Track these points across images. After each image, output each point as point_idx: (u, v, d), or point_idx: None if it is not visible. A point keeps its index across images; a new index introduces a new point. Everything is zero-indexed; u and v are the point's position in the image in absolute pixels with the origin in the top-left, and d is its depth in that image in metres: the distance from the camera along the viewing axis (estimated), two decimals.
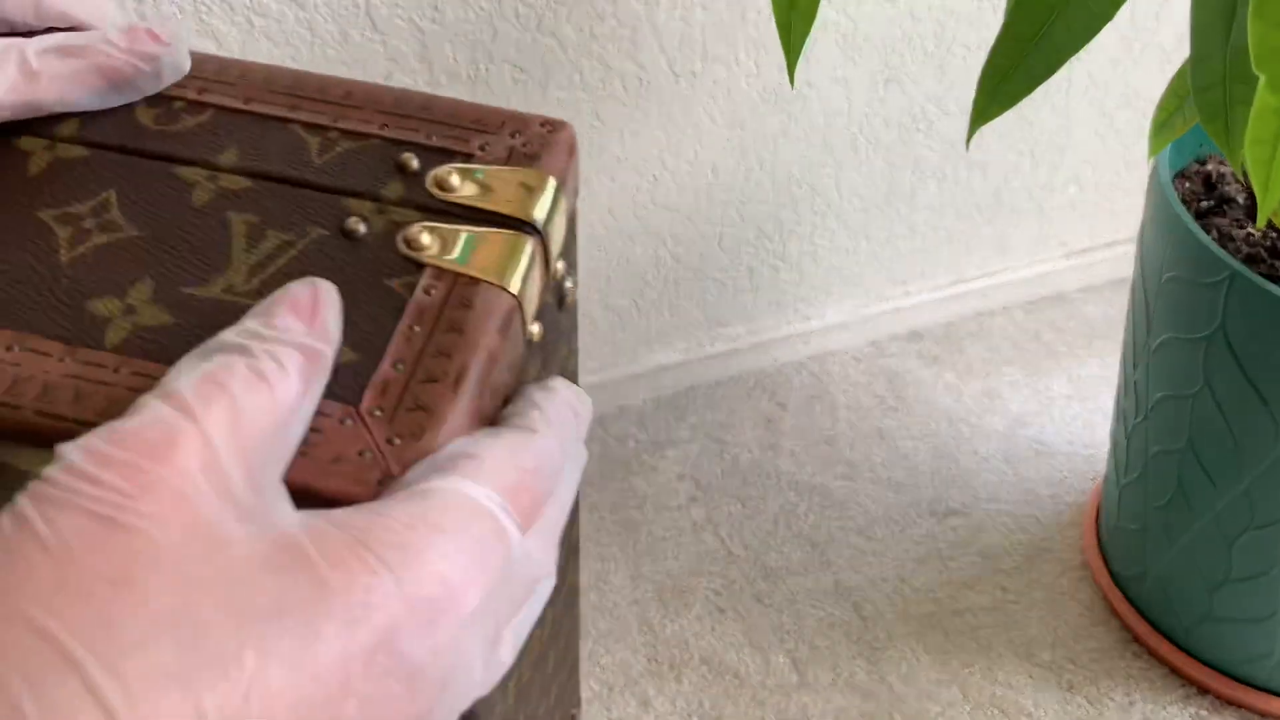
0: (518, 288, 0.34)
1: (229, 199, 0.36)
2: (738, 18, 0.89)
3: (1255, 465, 0.76)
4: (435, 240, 0.35)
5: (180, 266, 0.34)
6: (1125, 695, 0.90)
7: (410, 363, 0.32)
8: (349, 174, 0.36)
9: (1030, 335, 1.19)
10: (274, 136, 0.37)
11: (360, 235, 0.35)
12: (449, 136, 0.37)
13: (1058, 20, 0.64)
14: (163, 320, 0.33)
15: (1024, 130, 1.09)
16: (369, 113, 0.38)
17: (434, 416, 0.31)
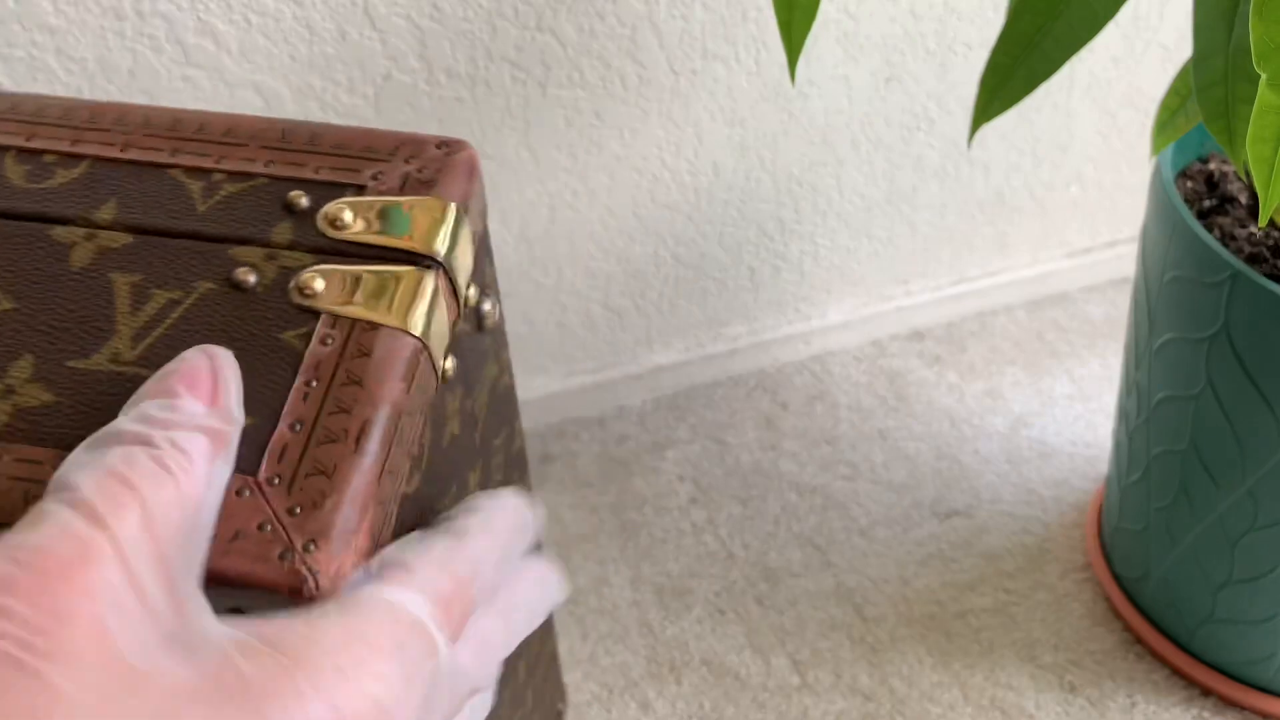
0: (421, 328, 0.32)
1: (110, 258, 0.33)
2: (738, 16, 0.89)
3: (1258, 466, 0.76)
4: (329, 284, 0.32)
5: (61, 338, 0.31)
6: (1127, 697, 0.90)
7: (308, 422, 0.30)
8: (234, 219, 0.34)
9: (1032, 335, 1.18)
10: (154, 185, 0.34)
11: (250, 286, 0.32)
12: (338, 169, 0.35)
13: (1059, 19, 0.64)
14: (45, 399, 0.30)
15: (1026, 129, 1.08)
16: (253, 149, 0.35)
17: (335, 480, 0.29)
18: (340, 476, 0.29)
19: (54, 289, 0.32)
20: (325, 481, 0.29)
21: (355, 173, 0.34)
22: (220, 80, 0.78)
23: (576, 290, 1.01)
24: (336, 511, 0.28)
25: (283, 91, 0.80)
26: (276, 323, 0.32)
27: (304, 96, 0.80)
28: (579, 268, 0.99)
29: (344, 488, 0.29)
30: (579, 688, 0.89)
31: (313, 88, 0.80)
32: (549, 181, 0.92)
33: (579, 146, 0.91)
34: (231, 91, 0.78)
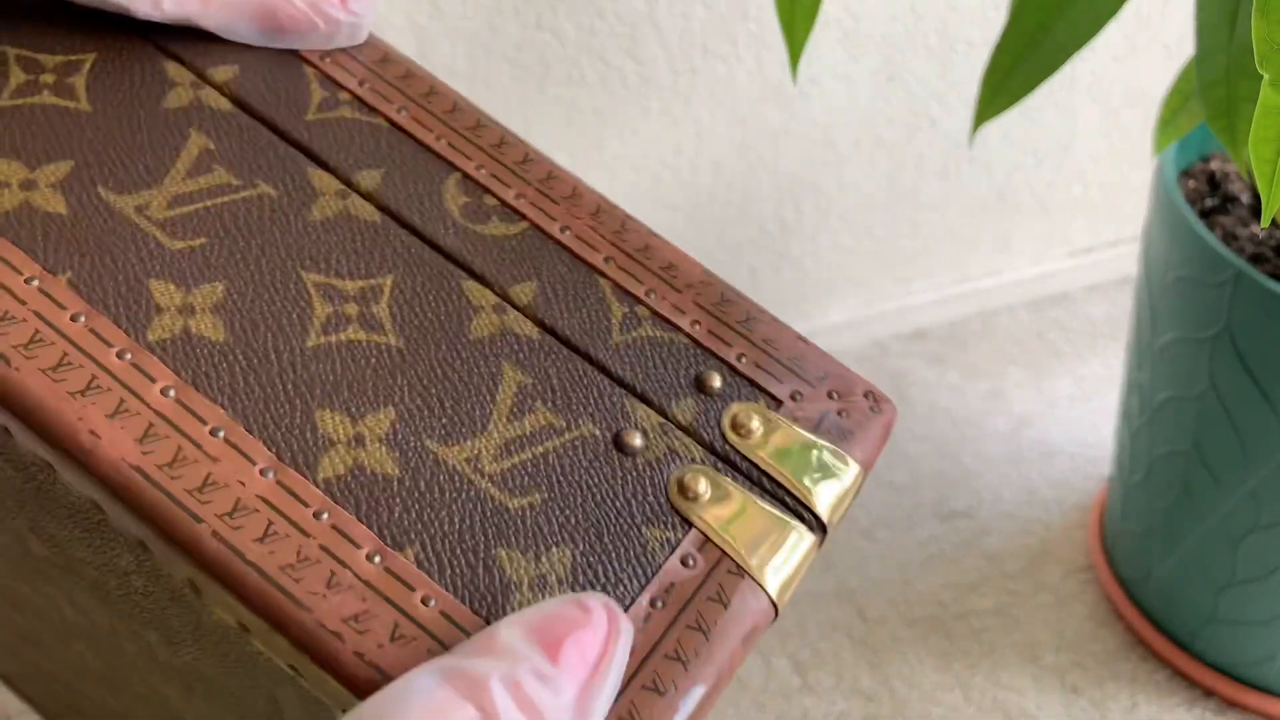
0: (780, 595, 0.29)
1: (510, 343, 0.30)
2: (739, 14, 0.89)
3: (1261, 466, 0.76)
4: (712, 494, 0.28)
5: (430, 408, 0.28)
6: (1130, 698, 0.89)
7: (639, 654, 0.26)
8: (645, 369, 0.30)
9: (1034, 335, 1.18)
10: (581, 286, 0.31)
11: (634, 450, 0.29)
12: (760, 368, 0.31)
13: (1061, 17, 0.63)
14: (387, 469, 0.27)
15: (1027, 128, 1.08)
16: (686, 299, 0.32)
17: None
18: None
19: (444, 347, 0.29)
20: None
21: (777, 381, 0.31)
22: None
23: None
24: None
25: None
26: (645, 511, 0.28)
27: None
28: None
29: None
30: None
31: None
32: None
33: (579, 145, 0.91)
34: None
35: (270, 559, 0.25)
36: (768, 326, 0.32)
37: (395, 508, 0.27)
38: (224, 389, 0.27)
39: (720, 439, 0.30)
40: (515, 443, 0.28)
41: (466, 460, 0.28)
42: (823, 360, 0.32)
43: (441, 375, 0.29)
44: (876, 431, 0.31)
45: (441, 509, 0.27)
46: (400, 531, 0.27)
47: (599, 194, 0.33)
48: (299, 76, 0.34)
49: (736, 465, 0.29)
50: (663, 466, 0.29)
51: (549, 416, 0.29)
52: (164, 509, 0.26)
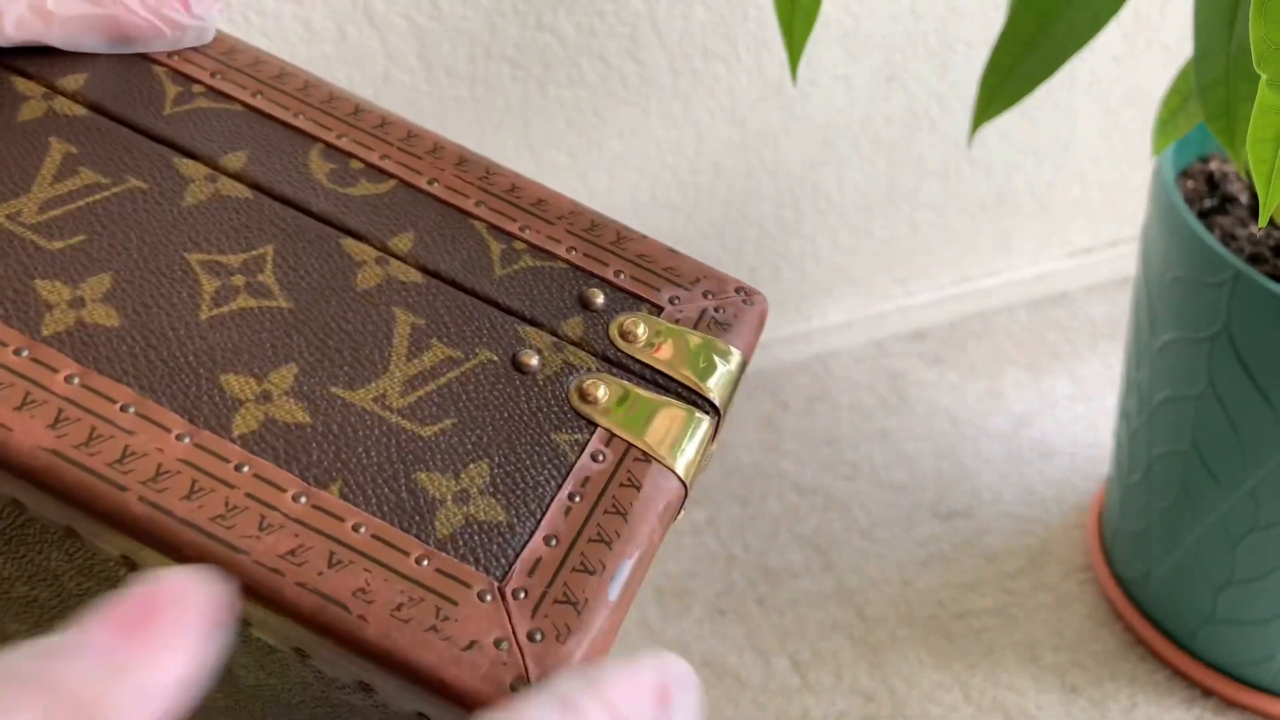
0: (686, 471, 0.30)
1: (396, 290, 0.31)
2: (739, 15, 0.89)
3: (1260, 466, 0.76)
4: (610, 397, 0.30)
5: (330, 358, 0.30)
6: (1129, 698, 0.89)
7: (565, 541, 0.28)
8: (529, 296, 0.32)
9: (1033, 335, 1.18)
10: (456, 230, 0.33)
11: (531, 370, 0.31)
12: (638, 281, 0.33)
13: (1060, 18, 0.63)
14: (298, 418, 0.29)
15: (1027, 128, 1.08)
16: (559, 230, 0.34)
17: (583, 618, 0.27)
18: (589, 613, 0.27)
19: (334, 303, 0.31)
20: (573, 614, 0.27)
21: (654, 290, 0.33)
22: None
23: None
24: (578, 652, 0.26)
25: None
26: (551, 419, 0.30)
27: None
28: None
29: (590, 626, 0.27)
30: None
31: None
32: (549, 181, 0.92)
33: (579, 146, 0.91)
34: None
35: (200, 513, 0.26)
36: (639, 244, 0.34)
37: (313, 451, 0.28)
38: (127, 369, 0.28)
39: (611, 347, 0.32)
40: (418, 378, 0.30)
41: (374, 400, 0.29)
42: (695, 267, 0.34)
43: (336, 328, 0.30)
44: (752, 320, 0.34)
45: (358, 445, 0.28)
46: (321, 471, 0.28)
47: (461, 146, 0.35)
48: (149, 76, 0.35)
49: (629, 368, 0.32)
50: (561, 379, 0.31)
51: (446, 350, 0.31)
52: (87, 485, 0.26)
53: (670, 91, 0.91)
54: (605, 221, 0.34)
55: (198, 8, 0.34)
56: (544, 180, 0.91)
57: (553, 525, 0.28)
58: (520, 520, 0.28)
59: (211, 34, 0.35)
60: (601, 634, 0.27)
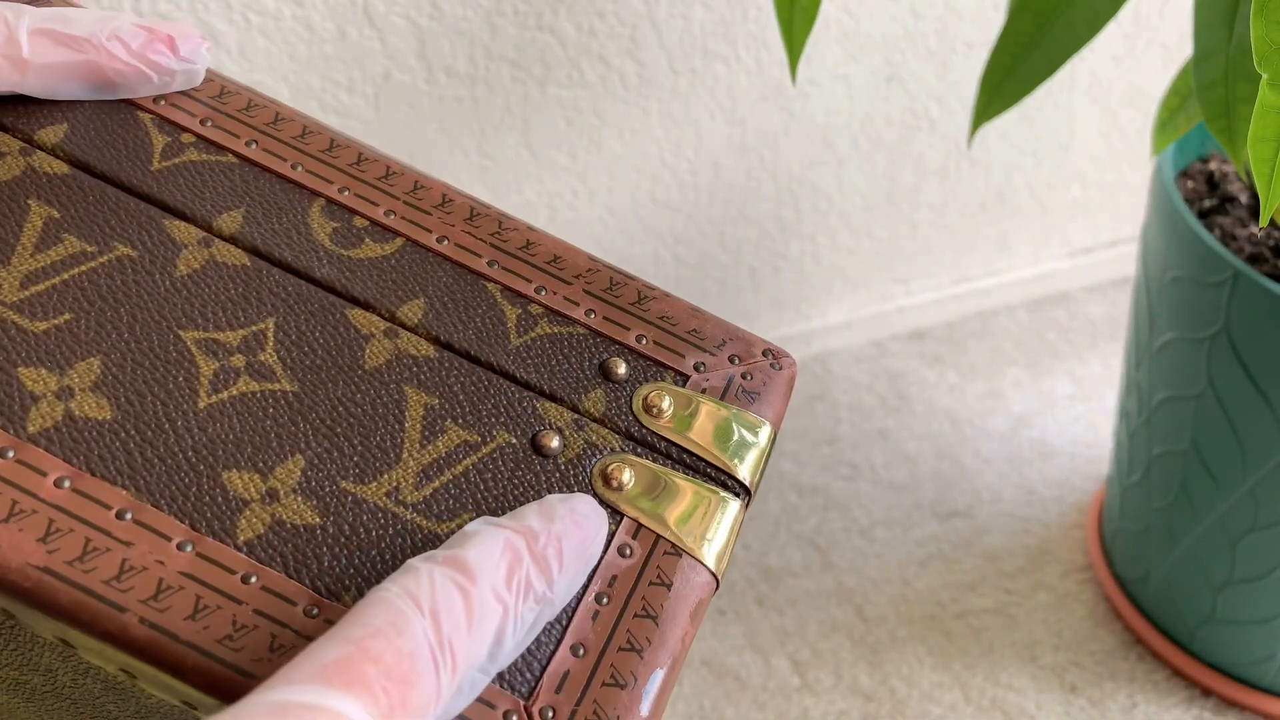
0: (717, 563, 0.28)
1: (408, 366, 0.29)
2: (739, 15, 0.89)
3: (1259, 466, 0.76)
4: (636, 481, 0.28)
5: (339, 447, 0.27)
6: (1128, 697, 0.89)
7: (594, 651, 0.26)
8: (549, 367, 0.30)
9: (1033, 335, 1.18)
10: (469, 295, 0.30)
11: (552, 452, 0.29)
12: (662, 346, 0.31)
13: (1060, 18, 0.63)
14: (307, 519, 0.26)
15: (1026, 129, 1.08)
16: (577, 290, 0.31)
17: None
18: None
19: (342, 384, 0.28)
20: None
21: (679, 356, 0.31)
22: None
23: None
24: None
25: (282, 91, 0.80)
26: None
27: (303, 96, 0.80)
28: None
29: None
30: None
31: (312, 87, 0.80)
32: (549, 181, 0.92)
33: (579, 146, 0.91)
34: None
35: (205, 634, 0.25)
36: (661, 303, 0.32)
37: (324, 557, 0.26)
38: (122, 469, 0.26)
39: (635, 423, 0.30)
40: (433, 467, 0.28)
41: (387, 494, 0.27)
42: (719, 327, 0.32)
43: (344, 412, 0.28)
44: (781, 387, 0.32)
45: (371, 549, 0.26)
46: (333, 580, 0.26)
47: (470, 196, 0.33)
48: (134, 125, 0.32)
49: (655, 446, 0.30)
50: (584, 462, 0.29)
51: (462, 434, 0.28)
52: (82, 606, 0.24)
53: (670, 91, 0.91)
54: (624, 279, 0.32)
55: (185, 49, 0.32)
56: (543, 179, 0.91)
57: (580, 633, 0.26)
58: (546, 628, 0.26)
59: (201, 77, 0.33)
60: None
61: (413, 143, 0.85)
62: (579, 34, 0.85)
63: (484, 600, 0.23)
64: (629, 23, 0.86)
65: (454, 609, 0.23)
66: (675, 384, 0.30)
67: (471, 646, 0.23)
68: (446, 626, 0.23)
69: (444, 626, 0.23)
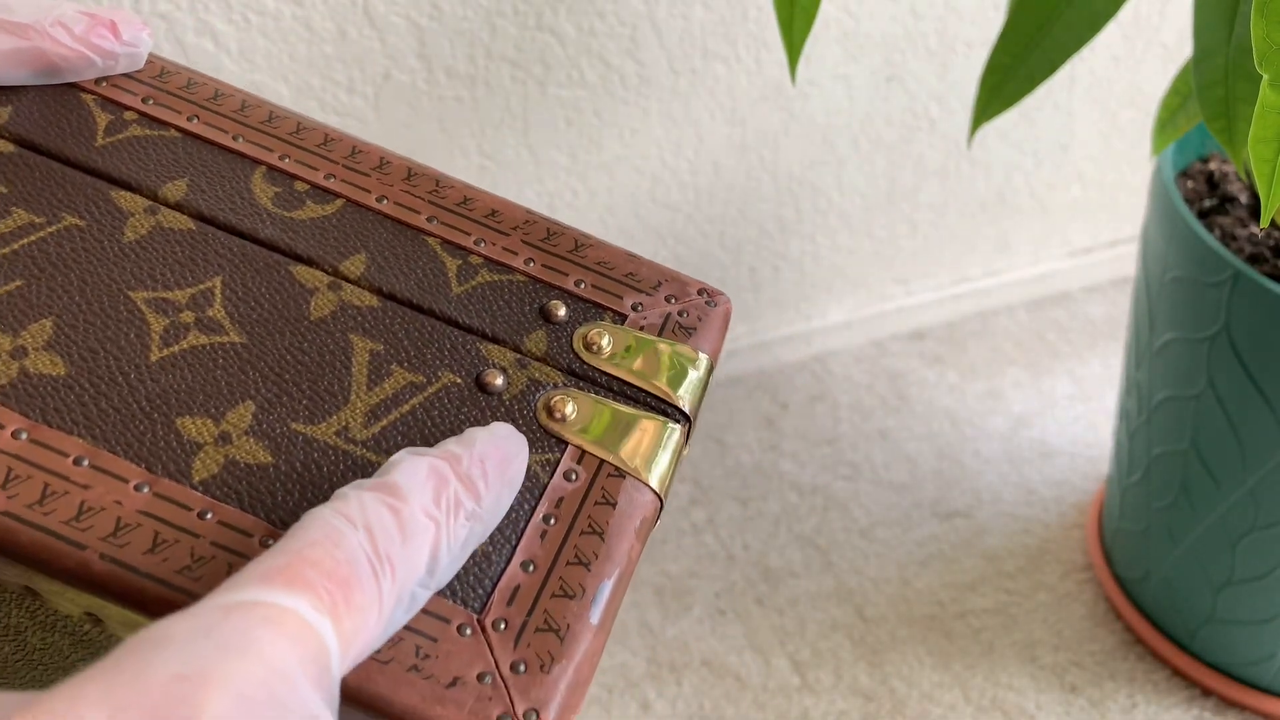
0: (660, 483, 0.30)
1: (352, 316, 0.30)
2: (738, 15, 0.89)
3: (1259, 466, 0.76)
4: (579, 412, 0.30)
5: (288, 392, 0.29)
6: (1128, 697, 0.89)
7: (543, 566, 0.27)
8: (489, 312, 0.31)
9: (1033, 335, 1.18)
10: (409, 249, 0.32)
11: (496, 390, 0.30)
12: (600, 289, 0.32)
13: (1059, 18, 0.63)
14: (260, 458, 0.27)
15: (1026, 129, 1.08)
16: (515, 240, 0.33)
17: (567, 644, 0.26)
18: (571, 640, 0.26)
19: (289, 334, 0.30)
20: (555, 642, 0.26)
21: (617, 298, 0.32)
22: (219, 80, 0.78)
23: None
24: (563, 680, 0.26)
25: (282, 91, 0.80)
26: None
27: (303, 96, 0.80)
28: None
29: (573, 653, 0.26)
30: None
31: (312, 87, 0.80)
32: (549, 181, 0.92)
33: (579, 146, 0.91)
34: None
35: (164, 566, 0.25)
36: (598, 250, 0.33)
37: (277, 492, 0.27)
38: (78, 420, 0.27)
39: (576, 360, 0.31)
40: (380, 407, 0.29)
41: (336, 433, 0.28)
42: (656, 270, 0.33)
43: (293, 360, 0.29)
44: (717, 322, 0.33)
45: (323, 483, 0.27)
46: (287, 513, 0.27)
47: (409, 159, 0.34)
48: (78, 105, 0.33)
49: (596, 380, 0.31)
50: (528, 398, 0.30)
51: (408, 375, 0.30)
52: (44, 545, 0.25)
53: (670, 91, 0.91)
54: (562, 229, 0.34)
55: (128, 34, 0.33)
56: (543, 179, 0.91)
57: (529, 550, 0.27)
58: (495, 548, 0.27)
59: (143, 60, 0.34)
60: (586, 658, 0.26)
61: (413, 143, 0.85)
62: (579, 34, 0.85)
63: (415, 518, 0.24)
64: (629, 23, 0.86)
65: (386, 525, 0.24)
66: (614, 323, 0.32)
67: (408, 560, 0.24)
68: (381, 540, 0.24)
69: (379, 540, 0.24)
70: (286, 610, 0.22)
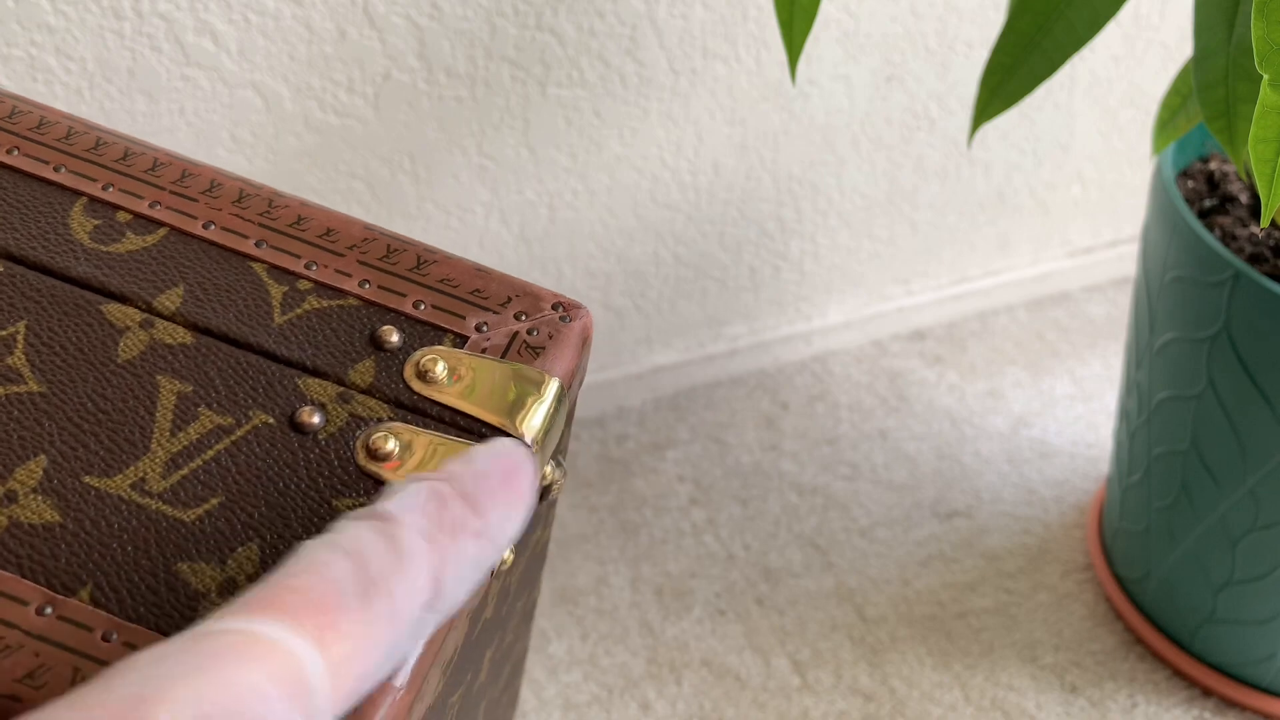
0: None
1: (162, 355, 0.28)
2: (738, 15, 0.89)
3: (1259, 466, 0.76)
4: (402, 450, 0.28)
5: (84, 443, 0.27)
6: (1128, 697, 0.89)
7: None
8: (313, 343, 0.29)
9: (1033, 335, 1.18)
10: (232, 278, 0.30)
11: (312, 429, 0.28)
12: (440, 310, 0.30)
13: (1060, 18, 0.63)
14: (47, 518, 0.26)
15: (1026, 128, 1.08)
16: (350, 261, 0.31)
17: (364, 712, 0.25)
18: (371, 707, 0.25)
19: (92, 380, 0.28)
20: (367, 708, 0.25)
21: (459, 318, 0.30)
22: (219, 80, 0.78)
23: (576, 290, 1.01)
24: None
25: (282, 91, 0.79)
26: (333, 483, 0.28)
27: (303, 96, 0.80)
28: (579, 268, 0.99)
29: (373, 713, 0.25)
30: (579, 688, 0.89)
31: (312, 87, 0.80)
32: (549, 181, 0.92)
33: (579, 146, 0.91)
34: (231, 91, 0.78)
35: None
36: (443, 266, 0.31)
37: (61, 555, 0.25)
38: None
39: (405, 390, 0.29)
40: (182, 454, 0.27)
41: (131, 485, 0.27)
42: (505, 285, 0.31)
43: (94, 408, 0.28)
44: (571, 340, 0.31)
45: (111, 541, 0.26)
46: (70, 576, 0.25)
47: (242, 178, 0.32)
48: None
49: (426, 412, 0.29)
50: (347, 436, 0.28)
51: (215, 418, 0.28)
52: None
53: (670, 91, 0.91)
54: (405, 245, 0.31)
55: None
56: (543, 179, 0.91)
57: None
58: None
59: None
60: (389, 715, 0.25)
61: (413, 143, 0.85)
62: (579, 34, 0.85)
63: (410, 542, 0.24)
64: (629, 23, 0.86)
65: (378, 551, 0.23)
66: (454, 346, 0.30)
67: (405, 585, 0.23)
68: (374, 565, 0.23)
69: (370, 566, 0.23)
70: (257, 635, 0.22)
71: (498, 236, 0.93)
